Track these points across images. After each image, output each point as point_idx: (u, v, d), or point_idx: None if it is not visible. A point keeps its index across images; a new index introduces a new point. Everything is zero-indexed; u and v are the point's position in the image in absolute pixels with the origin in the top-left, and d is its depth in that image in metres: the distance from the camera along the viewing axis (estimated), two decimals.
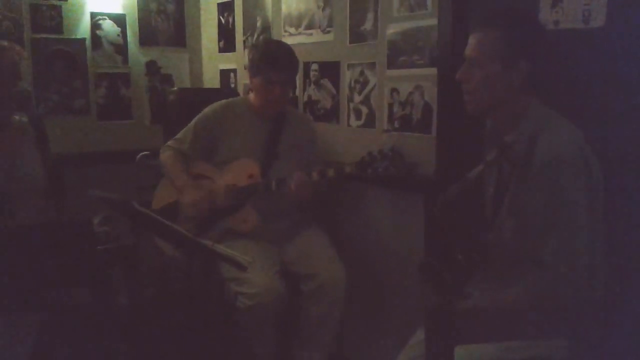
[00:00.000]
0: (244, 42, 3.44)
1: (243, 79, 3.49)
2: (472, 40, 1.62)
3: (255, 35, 3.33)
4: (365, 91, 2.68)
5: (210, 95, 3.06)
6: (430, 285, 1.57)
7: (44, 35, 3.30)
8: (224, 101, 2.66)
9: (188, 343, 2.61)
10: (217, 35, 3.69)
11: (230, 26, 3.56)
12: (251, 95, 2.60)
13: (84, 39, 3.42)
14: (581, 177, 1.45)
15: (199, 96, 3.27)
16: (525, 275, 1.50)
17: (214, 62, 3.76)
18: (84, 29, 3.41)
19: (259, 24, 3.31)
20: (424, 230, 2.37)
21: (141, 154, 3.16)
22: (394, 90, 2.53)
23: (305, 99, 3.02)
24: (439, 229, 1.62)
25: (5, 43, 2.21)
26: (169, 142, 2.64)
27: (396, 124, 2.54)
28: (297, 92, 3.03)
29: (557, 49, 1.84)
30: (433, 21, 2.31)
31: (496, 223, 1.60)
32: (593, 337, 1.40)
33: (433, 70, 2.32)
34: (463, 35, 1.71)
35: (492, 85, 1.59)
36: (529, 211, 1.50)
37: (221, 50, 3.68)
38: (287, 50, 2.53)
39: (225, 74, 3.66)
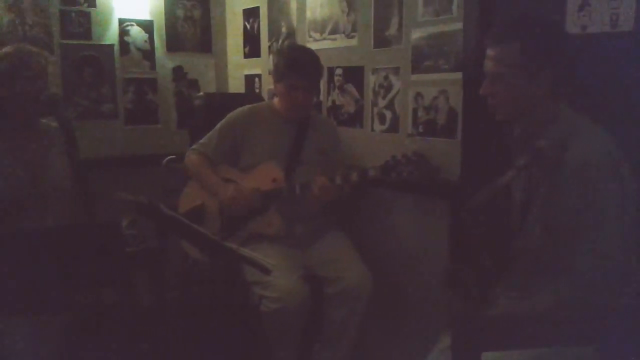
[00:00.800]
0: (269, 47, 3.46)
1: (267, 84, 3.51)
2: (490, 55, 1.60)
3: (280, 41, 3.35)
4: (390, 96, 2.68)
5: (235, 100, 3.08)
6: (456, 291, 1.56)
7: (73, 41, 3.34)
8: (248, 106, 2.68)
9: (211, 346, 2.62)
10: (242, 41, 3.72)
11: (255, 32, 3.59)
12: (275, 100, 2.62)
13: (112, 45, 3.46)
14: (612, 181, 1.43)
15: (225, 101, 3.29)
16: (554, 281, 1.48)
17: (239, 68, 3.80)
18: (112, 35, 3.46)
19: (283, 29, 3.33)
20: (448, 236, 2.35)
21: (168, 158, 3.19)
22: (418, 94, 2.53)
23: (329, 103, 3.02)
24: (466, 234, 1.60)
25: (34, 48, 2.25)
26: (194, 146, 2.67)
27: (420, 129, 2.53)
28: (321, 96, 3.04)
29: (585, 53, 1.82)
30: (458, 25, 2.30)
31: (524, 229, 1.58)
32: (624, 344, 1.37)
33: (458, 75, 2.31)
34: None
35: (517, 96, 1.58)
36: (559, 216, 1.48)
37: (246, 55, 3.71)
38: (311, 56, 2.54)
39: (250, 79, 3.69)
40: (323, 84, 2.95)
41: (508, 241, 1.61)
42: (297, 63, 2.47)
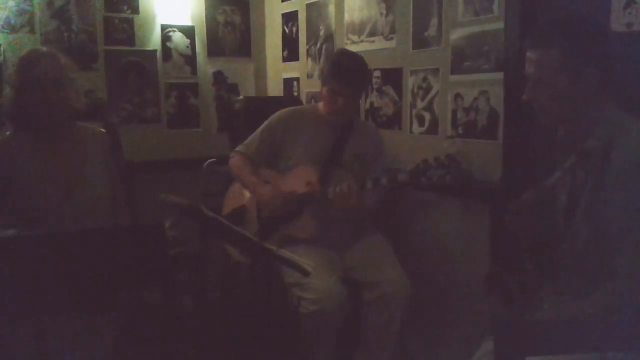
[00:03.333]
0: (307, 50, 3.48)
1: (306, 87, 3.53)
2: (532, 58, 1.57)
3: (318, 44, 3.37)
4: (429, 97, 2.66)
5: (274, 103, 3.11)
6: (498, 295, 1.54)
7: (117, 47, 3.43)
8: (292, 108, 2.69)
9: (251, 347, 2.65)
10: (281, 45, 3.75)
11: (293, 35, 3.61)
12: (320, 103, 2.61)
13: (155, 51, 3.54)
14: None
15: (263, 104, 3.33)
16: (600, 285, 1.44)
17: (277, 71, 3.83)
18: (154, 40, 3.54)
19: (321, 32, 3.35)
20: (489, 239, 2.32)
21: (208, 160, 3.24)
22: (458, 95, 2.50)
23: (367, 105, 3.02)
24: (509, 237, 1.58)
25: (44, 49, 2.13)
26: (238, 147, 2.68)
27: (460, 130, 2.50)
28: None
29: (631, 52, 1.77)
30: (499, 25, 2.27)
31: (569, 232, 1.55)
32: None
33: (499, 75, 2.28)
34: None
35: (561, 100, 1.54)
36: (605, 219, 1.45)
37: (285, 59, 3.74)
38: (358, 63, 2.50)
39: (288, 82, 3.72)
40: None
41: (552, 244, 1.58)
42: (341, 69, 2.44)
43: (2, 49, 3.11)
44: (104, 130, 2.21)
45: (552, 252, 1.56)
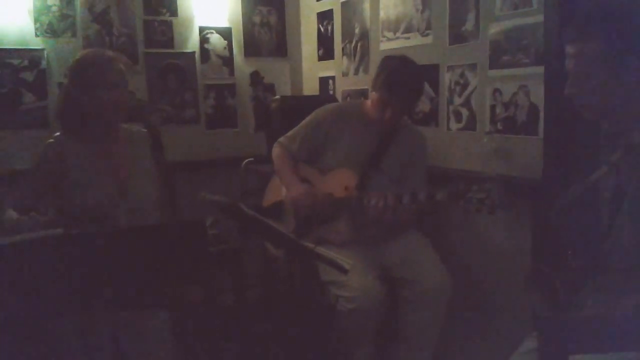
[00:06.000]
0: (343, 49, 3.49)
1: (341, 86, 3.54)
2: (572, 52, 1.53)
3: (354, 42, 3.37)
4: (466, 93, 2.63)
5: (310, 102, 3.12)
6: (542, 293, 1.51)
7: (157, 50, 3.50)
8: (338, 105, 2.65)
9: (290, 344, 2.67)
10: (316, 44, 3.77)
11: (329, 34, 3.62)
12: (368, 101, 2.56)
13: (193, 53, 3.60)
14: None
15: (299, 104, 3.35)
16: None
17: (313, 70, 3.84)
18: (193, 42, 3.59)
19: (357, 30, 3.34)
20: (532, 236, 2.28)
21: (246, 160, 3.28)
22: (496, 91, 2.47)
23: None
24: (552, 233, 1.55)
25: (111, 53, 2.17)
26: (281, 139, 2.66)
27: (499, 126, 2.47)
28: None
29: None
30: (539, 18, 2.23)
31: (614, 228, 1.51)
32: None
33: (539, 69, 2.24)
34: None
35: (603, 93, 1.51)
36: None
37: (320, 58, 3.75)
38: (416, 78, 2.42)
39: (324, 81, 3.73)
40: None
41: (597, 241, 1.54)
42: (397, 81, 2.35)
43: (45, 52, 3.22)
44: (145, 130, 2.23)
45: (596, 249, 1.53)
